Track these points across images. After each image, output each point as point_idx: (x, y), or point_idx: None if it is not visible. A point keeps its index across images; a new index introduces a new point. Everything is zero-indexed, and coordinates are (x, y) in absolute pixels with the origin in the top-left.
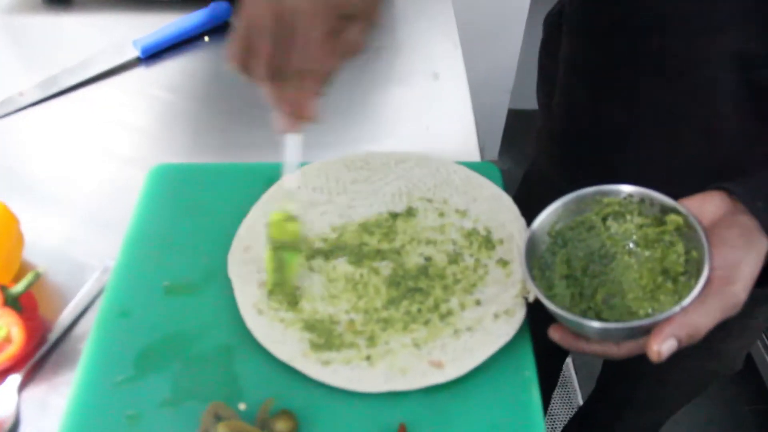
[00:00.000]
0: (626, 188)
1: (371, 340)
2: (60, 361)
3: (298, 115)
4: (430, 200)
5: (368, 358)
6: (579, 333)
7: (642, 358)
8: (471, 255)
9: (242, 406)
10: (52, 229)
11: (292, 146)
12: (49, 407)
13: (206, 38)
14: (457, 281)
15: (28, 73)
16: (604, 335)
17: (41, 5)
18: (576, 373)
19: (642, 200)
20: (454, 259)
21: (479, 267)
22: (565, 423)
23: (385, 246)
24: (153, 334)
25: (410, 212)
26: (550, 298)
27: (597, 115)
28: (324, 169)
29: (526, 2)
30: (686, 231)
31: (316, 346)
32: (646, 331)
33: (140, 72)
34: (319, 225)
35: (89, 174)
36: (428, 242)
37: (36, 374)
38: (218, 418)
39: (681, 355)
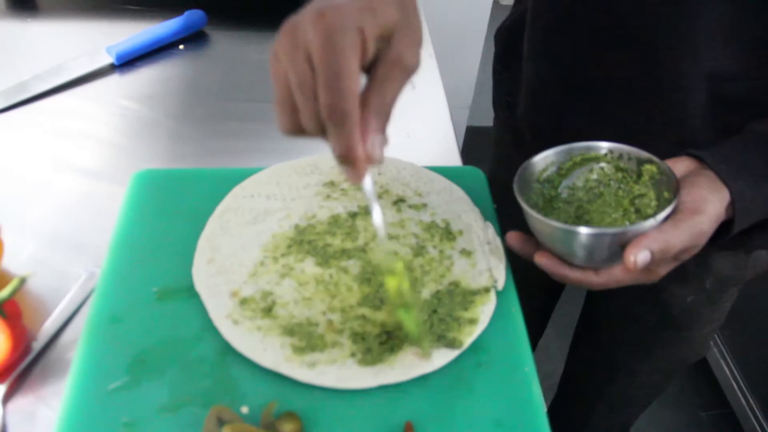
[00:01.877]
0: (606, 144)
1: (353, 338)
2: (46, 370)
3: (353, 161)
4: (385, 197)
5: (353, 355)
6: (563, 253)
7: (614, 351)
8: (434, 247)
9: (245, 410)
10: (29, 237)
11: (368, 195)
12: (36, 418)
13: (181, 46)
14: (425, 273)
15: None
16: (589, 244)
17: (4, 9)
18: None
19: (620, 155)
20: (419, 252)
21: (444, 258)
22: None
23: (349, 245)
24: (146, 340)
25: (368, 210)
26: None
27: (564, 129)
28: (275, 176)
29: (485, 21)
30: (659, 178)
31: (298, 350)
32: (619, 254)
33: (114, 79)
34: (279, 231)
35: (64, 182)
36: (390, 237)
37: (21, 384)
38: (221, 422)
39: (651, 343)
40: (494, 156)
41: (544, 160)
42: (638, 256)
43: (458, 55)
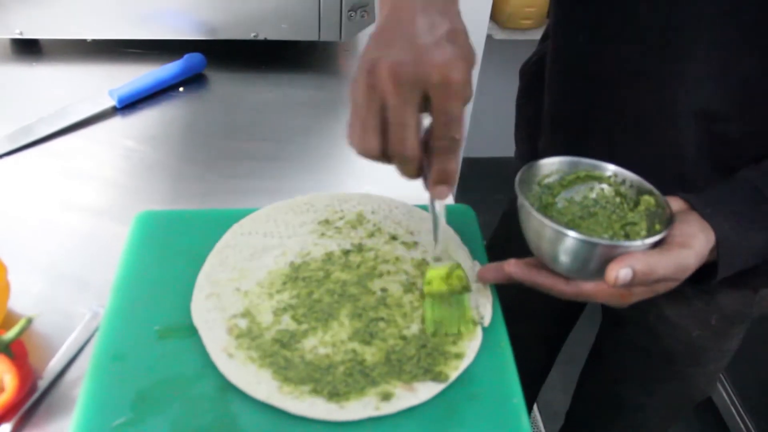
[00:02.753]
0: (612, 167)
1: (344, 371)
2: (51, 408)
3: (435, 182)
4: (377, 235)
5: (345, 386)
6: (548, 255)
7: (621, 386)
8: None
9: None
10: (35, 277)
11: (434, 213)
12: None
13: (181, 89)
14: (414, 309)
15: (1, 123)
16: (576, 250)
17: (10, 54)
18: (540, 413)
19: (623, 181)
20: (409, 288)
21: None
22: None
23: (344, 276)
24: (149, 378)
25: (360, 248)
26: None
27: None
28: (272, 214)
29: (479, 56)
30: (654, 210)
31: (290, 383)
32: (600, 270)
33: (117, 121)
34: (275, 268)
35: (69, 222)
36: (381, 275)
37: (27, 422)
38: None
39: (657, 378)
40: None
41: (549, 165)
42: (620, 272)
43: None
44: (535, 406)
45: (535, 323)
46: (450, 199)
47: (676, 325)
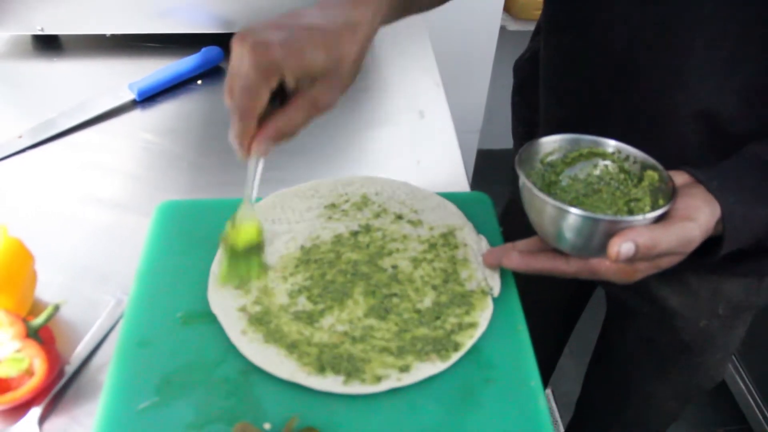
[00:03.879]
0: (613, 142)
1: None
2: (79, 392)
3: (243, 146)
4: (383, 215)
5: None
6: (550, 233)
7: (629, 375)
8: (432, 259)
9: (267, 426)
10: (61, 268)
11: (249, 171)
12: None
13: (199, 82)
14: (425, 283)
15: (25, 117)
16: (578, 227)
17: (32, 50)
18: (556, 403)
19: (627, 157)
20: (418, 264)
21: (442, 269)
22: None
23: (356, 256)
24: (173, 362)
25: (368, 228)
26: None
27: None
28: (278, 201)
29: (493, 46)
30: (658, 186)
31: (311, 359)
32: (603, 246)
33: (136, 114)
34: (286, 253)
35: (92, 214)
36: (390, 253)
37: (56, 406)
38: None
39: (666, 367)
40: (513, 181)
41: (551, 143)
42: (622, 246)
43: (467, 80)
44: (550, 396)
45: (541, 313)
46: (465, 185)
47: (683, 316)
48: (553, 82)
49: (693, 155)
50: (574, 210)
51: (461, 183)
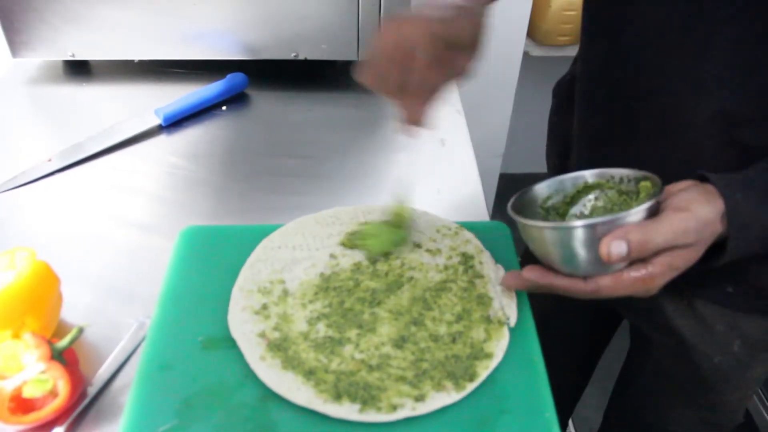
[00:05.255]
0: (590, 172)
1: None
2: (100, 414)
3: (413, 122)
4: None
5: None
6: (559, 257)
7: (646, 411)
8: (450, 288)
9: None
10: (86, 289)
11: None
12: None
13: (224, 107)
14: (443, 312)
15: (54, 141)
16: (576, 240)
17: (63, 75)
18: (576, 430)
19: (621, 180)
20: (436, 293)
21: (460, 297)
22: None
23: (374, 285)
24: (193, 386)
25: (387, 257)
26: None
27: None
28: (299, 228)
29: (516, 71)
30: (653, 191)
31: (328, 386)
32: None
33: (162, 139)
34: (306, 279)
35: (117, 236)
36: (409, 281)
37: (78, 427)
38: None
39: (683, 405)
40: None
41: (543, 188)
42: (612, 245)
43: (491, 105)
44: (570, 424)
45: (563, 345)
46: (485, 214)
47: (697, 350)
48: (587, 94)
49: (710, 159)
50: (566, 224)
51: (481, 212)
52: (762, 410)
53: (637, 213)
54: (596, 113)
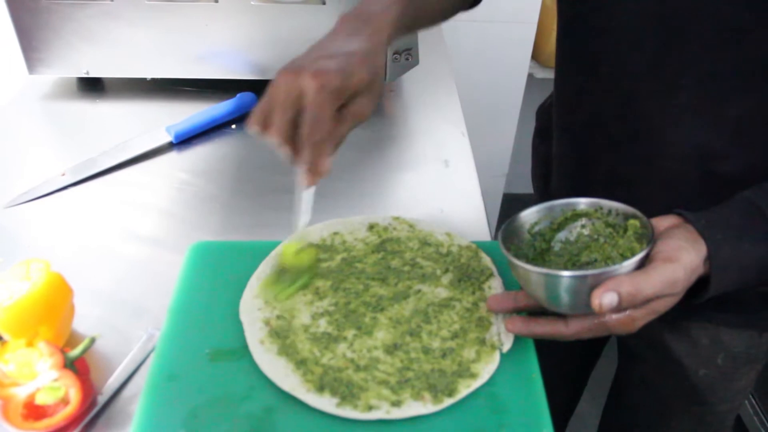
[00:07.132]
0: (584, 200)
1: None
2: (110, 422)
3: (314, 172)
4: (405, 257)
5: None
6: (545, 299)
7: (636, 424)
8: (453, 307)
9: None
10: (97, 302)
11: (306, 198)
12: None
13: (233, 126)
14: (440, 328)
15: (68, 156)
16: (563, 287)
17: (77, 92)
18: None
19: (609, 212)
20: (439, 309)
21: (460, 317)
22: None
23: (381, 292)
24: (200, 397)
25: (400, 266)
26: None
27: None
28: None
29: (521, 92)
30: (642, 232)
31: (315, 377)
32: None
33: (172, 156)
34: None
35: (128, 250)
36: (416, 294)
37: None
38: None
39: (672, 417)
40: None
41: (531, 214)
42: (604, 298)
43: (495, 126)
44: None
45: (556, 360)
46: (486, 233)
47: (683, 364)
48: (564, 123)
49: (688, 190)
50: (555, 273)
51: (483, 232)
52: (755, 420)
53: (627, 266)
54: (573, 140)
